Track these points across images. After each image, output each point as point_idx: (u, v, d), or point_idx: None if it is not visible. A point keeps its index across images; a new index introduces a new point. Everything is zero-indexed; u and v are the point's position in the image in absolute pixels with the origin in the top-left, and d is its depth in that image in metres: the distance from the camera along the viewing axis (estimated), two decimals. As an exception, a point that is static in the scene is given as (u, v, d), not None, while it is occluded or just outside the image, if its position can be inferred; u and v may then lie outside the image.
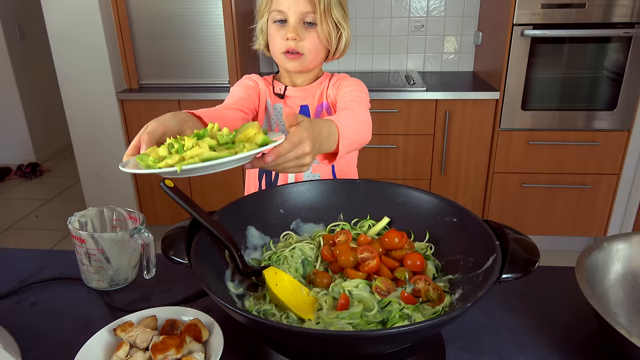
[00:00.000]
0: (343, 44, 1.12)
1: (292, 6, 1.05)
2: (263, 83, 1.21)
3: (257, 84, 1.20)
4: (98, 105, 2.58)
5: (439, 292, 0.73)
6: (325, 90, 1.19)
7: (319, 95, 1.19)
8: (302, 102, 1.19)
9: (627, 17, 2.23)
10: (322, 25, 1.07)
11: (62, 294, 0.94)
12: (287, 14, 1.06)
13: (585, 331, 0.81)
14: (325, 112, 1.19)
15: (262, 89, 1.20)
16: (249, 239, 0.86)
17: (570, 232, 2.63)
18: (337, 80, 1.19)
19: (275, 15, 1.07)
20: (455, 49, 2.94)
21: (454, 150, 2.55)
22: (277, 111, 1.20)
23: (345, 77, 1.19)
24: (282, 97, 1.19)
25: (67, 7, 2.42)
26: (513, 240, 0.71)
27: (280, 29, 1.08)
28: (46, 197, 3.57)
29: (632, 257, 0.85)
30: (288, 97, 1.19)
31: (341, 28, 1.10)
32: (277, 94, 1.19)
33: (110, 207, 0.99)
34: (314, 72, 1.19)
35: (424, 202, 0.87)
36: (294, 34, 1.06)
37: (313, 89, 1.19)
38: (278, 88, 1.20)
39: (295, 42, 1.07)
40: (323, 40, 1.09)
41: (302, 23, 1.07)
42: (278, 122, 1.19)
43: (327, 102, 1.19)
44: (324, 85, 1.20)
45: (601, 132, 2.42)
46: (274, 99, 1.20)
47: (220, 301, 0.59)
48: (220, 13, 2.47)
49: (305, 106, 1.19)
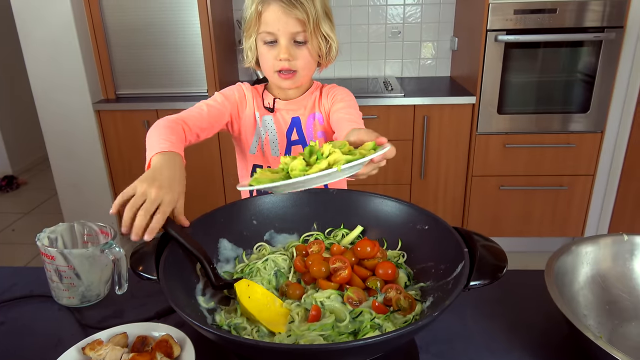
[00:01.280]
0: (333, 54, 1.12)
1: (282, 28, 1.03)
2: (251, 94, 1.19)
3: (245, 96, 1.19)
4: (74, 116, 2.54)
5: (410, 301, 0.73)
6: (317, 100, 1.19)
7: (310, 106, 1.18)
8: (292, 115, 1.18)
9: (598, 22, 2.28)
10: (313, 42, 1.06)
11: (32, 312, 0.92)
12: (277, 35, 1.04)
13: (557, 335, 0.82)
14: (317, 123, 1.18)
15: (249, 101, 1.19)
16: (221, 251, 0.85)
17: (549, 232, 2.67)
18: (328, 91, 1.19)
19: (265, 36, 1.06)
20: (432, 54, 2.98)
21: (432, 155, 2.57)
22: (266, 123, 1.18)
23: (335, 87, 1.19)
24: (271, 110, 1.18)
25: (41, 17, 2.38)
26: (482, 247, 0.72)
27: (271, 49, 1.07)
28: (23, 210, 3.50)
29: (600, 259, 0.87)
30: (278, 110, 1.18)
31: (330, 40, 1.09)
32: (266, 108, 1.18)
33: (81, 222, 0.97)
34: (305, 85, 1.19)
35: (396, 210, 0.88)
36: (286, 55, 1.05)
37: (304, 101, 1.18)
38: (267, 101, 1.18)
39: (288, 61, 1.06)
40: (314, 55, 1.09)
41: (293, 42, 1.06)
42: (268, 134, 1.18)
43: (320, 114, 1.18)
44: (315, 95, 1.19)
45: (575, 134, 2.47)
46: (262, 111, 1.19)
47: (188, 318, 0.59)
48: (197, 22, 2.46)
49: (296, 118, 1.18)
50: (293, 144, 1.19)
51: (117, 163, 2.64)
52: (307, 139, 1.18)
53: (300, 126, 1.18)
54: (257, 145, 1.20)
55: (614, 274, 0.87)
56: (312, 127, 1.19)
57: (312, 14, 1.02)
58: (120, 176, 2.66)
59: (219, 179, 2.62)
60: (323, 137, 1.19)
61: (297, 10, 1.01)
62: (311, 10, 1.02)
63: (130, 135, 2.56)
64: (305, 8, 1.02)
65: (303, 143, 1.18)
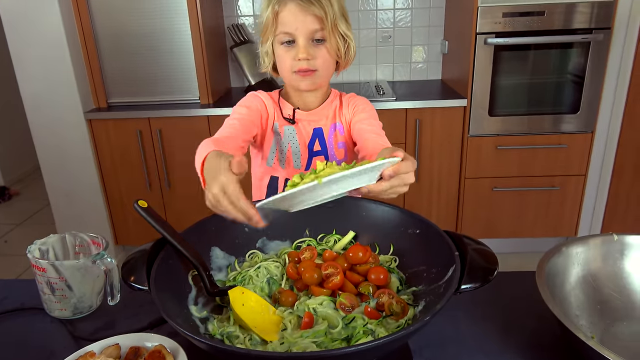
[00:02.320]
0: (352, 54, 1.10)
1: (300, 26, 1.01)
2: (271, 102, 1.15)
3: (265, 104, 1.15)
4: (66, 126, 2.53)
5: (402, 305, 0.74)
6: (337, 110, 1.16)
7: (331, 116, 1.16)
8: (315, 125, 1.15)
9: (585, 24, 2.30)
10: (331, 40, 1.04)
11: (24, 325, 0.91)
12: (295, 34, 1.02)
13: (549, 336, 0.83)
14: (337, 134, 1.16)
15: (270, 111, 1.15)
16: (213, 260, 0.85)
17: (542, 233, 2.68)
18: (348, 100, 1.16)
19: (282, 37, 1.04)
20: (423, 58, 2.99)
21: (425, 158, 2.58)
22: (288, 134, 1.15)
23: (355, 97, 1.17)
24: (292, 121, 1.14)
25: (30, 26, 2.37)
26: (472, 250, 0.72)
27: (289, 50, 1.04)
28: (15, 221, 3.48)
29: (590, 259, 0.88)
30: (300, 121, 1.15)
31: (348, 39, 1.07)
32: (286, 118, 1.14)
33: (72, 233, 0.97)
34: (323, 89, 1.15)
35: (387, 214, 0.88)
36: (305, 54, 1.02)
37: (324, 110, 1.15)
38: (286, 112, 1.15)
39: (307, 61, 1.03)
40: (333, 54, 1.06)
41: (311, 41, 1.03)
42: (290, 145, 1.15)
43: (340, 124, 1.16)
44: (336, 104, 1.17)
45: (566, 134, 2.49)
46: (282, 121, 1.15)
47: (179, 328, 0.59)
48: (188, 29, 2.46)
49: (319, 129, 1.15)
50: (315, 155, 1.16)
51: (109, 172, 2.63)
52: (328, 150, 1.16)
53: (322, 137, 1.15)
54: (275, 156, 1.16)
55: (605, 273, 0.88)
56: (333, 137, 1.16)
57: (329, 12, 1.01)
58: (113, 185, 2.65)
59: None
60: (343, 148, 1.16)
61: (314, 7, 1.00)
62: (328, 7, 1.01)
63: (122, 143, 2.55)
64: (322, 5, 1.00)
65: (326, 154, 1.16)
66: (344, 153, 1.17)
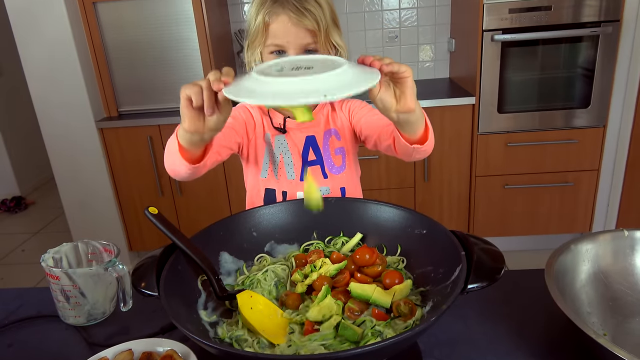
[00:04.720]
0: None
1: (291, 39, 0.98)
2: (258, 112, 1.12)
3: (251, 114, 1.12)
4: (78, 135, 2.57)
5: (410, 306, 0.74)
6: (330, 115, 1.13)
7: (324, 122, 1.13)
8: (307, 133, 1.12)
9: (594, 17, 2.28)
10: (323, 52, 1.00)
11: (40, 333, 0.93)
12: (286, 47, 0.99)
13: (560, 334, 0.82)
14: (334, 140, 1.13)
15: (257, 121, 1.12)
16: (222, 264, 0.86)
17: (556, 230, 2.65)
18: (341, 104, 1.13)
19: (273, 48, 1.00)
20: (430, 57, 2.99)
21: (435, 157, 2.57)
22: (279, 144, 1.12)
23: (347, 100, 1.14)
24: (283, 130, 1.11)
25: (41, 39, 2.42)
26: (479, 249, 0.72)
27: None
28: (32, 230, 3.54)
29: (600, 256, 0.87)
30: (291, 129, 1.11)
31: (340, 48, 1.04)
32: (277, 128, 1.11)
33: (84, 241, 0.99)
34: None
35: (394, 215, 0.88)
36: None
37: (315, 117, 1.11)
38: (277, 121, 1.11)
39: None
40: None
41: (303, 52, 0.99)
42: (282, 155, 1.12)
43: (335, 129, 1.13)
44: (327, 109, 1.14)
45: (578, 129, 2.46)
46: (273, 131, 1.12)
47: (189, 333, 0.60)
48: (195, 37, 2.49)
49: (311, 137, 1.12)
50: (310, 165, 1.12)
51: (122, 179, 2.66)
52: (324, 158, 1.13)
53: (316, 144, 1.12)
54: (268, 167, 1.13)
55: (616, 270, 0.87)
56: (329, 144, 1.13)
57: (322, 24, 0.97)
58: (126, 192, 2.68)
59: (224, 192, 2.63)
60: (341, 154, 1.13)
61: (307, 20, 0.96)
62: (321, 19, 0.97)
63: (134, 151, 2.59)
64: (315, 17, 0.97)
65: (321, 163, 1.12)
66: (342, 159, 1.14)
